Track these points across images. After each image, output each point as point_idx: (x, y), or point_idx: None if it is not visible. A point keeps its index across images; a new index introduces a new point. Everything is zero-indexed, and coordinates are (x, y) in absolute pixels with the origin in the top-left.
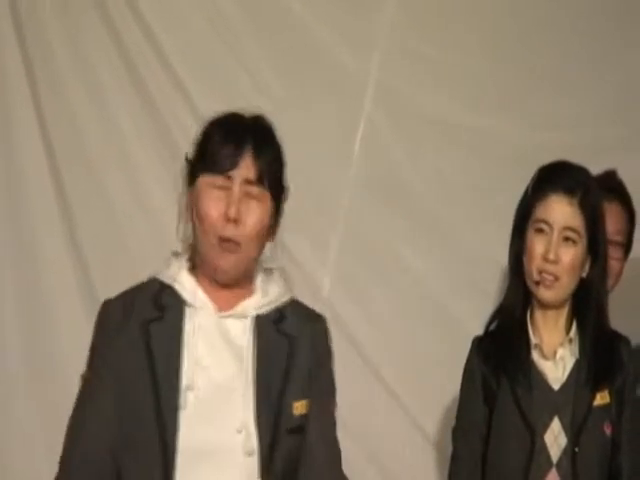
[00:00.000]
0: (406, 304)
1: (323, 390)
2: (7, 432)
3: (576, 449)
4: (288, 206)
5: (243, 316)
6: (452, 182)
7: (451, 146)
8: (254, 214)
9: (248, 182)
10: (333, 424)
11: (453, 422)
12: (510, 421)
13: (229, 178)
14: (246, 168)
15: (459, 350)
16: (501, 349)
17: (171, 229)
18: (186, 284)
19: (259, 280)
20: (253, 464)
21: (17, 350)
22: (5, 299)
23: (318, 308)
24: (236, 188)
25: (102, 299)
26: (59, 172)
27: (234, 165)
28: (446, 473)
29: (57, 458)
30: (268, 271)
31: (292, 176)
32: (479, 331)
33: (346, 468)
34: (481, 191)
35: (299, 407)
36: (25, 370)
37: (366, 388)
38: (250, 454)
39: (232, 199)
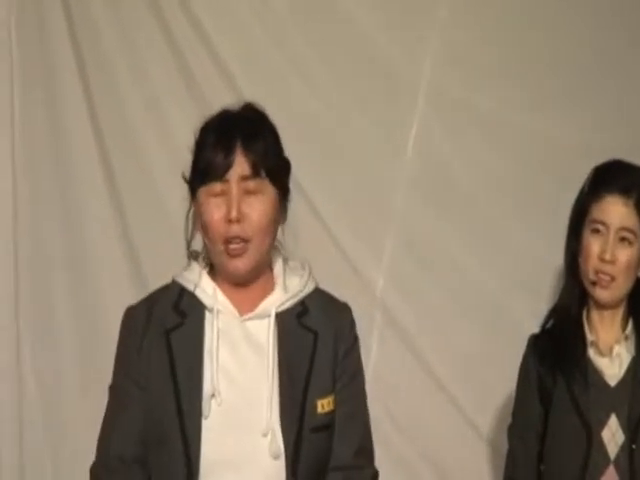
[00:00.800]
0: (459, 303)
1: (351, 375)
2: (59, 420)
3: (633, 446)
4: (342, 206)
5: (265, 315)
6: (504, 183)
7: (502, 147)
8: (257, 209)
9: (244, 178)
10: (363, 403)
11: (507, 420)
12: (567, 419)
13: (226, 181)
14: (239, 165)
15: (512, 349)
16: (557, 348)
17: None
18: (207, 289)
19: (279, 270)
20: (280, 467)
21: (69, 334)
22: (56, 284)
23: (371, 308)
24: (233, 189)
25: (151, 284)
26: (107, 154)
27: (227, 167)
28: (499, 471)
29: None
30: (287, 259)
31: (345, 176)
32: (532, 330)
33: (399, 465)
34: (534, 191)
35: (324, 405)
36: (76, 353)
37: (419, 387)
38: (276, 457)
39: (231, 201)
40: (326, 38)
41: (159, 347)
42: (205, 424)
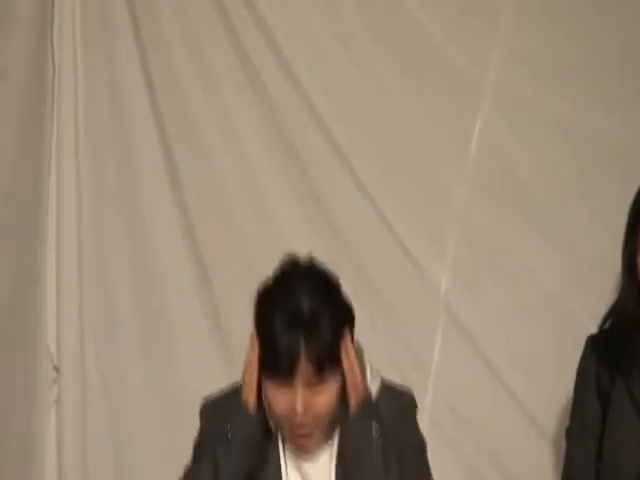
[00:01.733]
0: (523, 303)
1: (412, 449)
2: (122, 418)
3: None
4: (405, 205)
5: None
6: (568, 182)
7: (569, 146)
8: (321, 402)
9: (309, 382)
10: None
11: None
12: (626, 419)
13: (290, 384)
14: (303, 369)
15: (576, 349)
16: (615, 348)
17: (284, 227)
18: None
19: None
20: None
21: (132, 332)
22: (119, 283)
23: (435, 306)
24: (299, 391)
25: (216, 286)
26: (172, 154)
27: (291, 373)
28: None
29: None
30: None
31: (409, 176)
32: (595, 330)
33: (462, 463)
34: (598, 192)
35: None
36: (140, 351)
37: (482, 386)
38: None
39: (296, 400)
40: (391, 37)
41: None
42: None
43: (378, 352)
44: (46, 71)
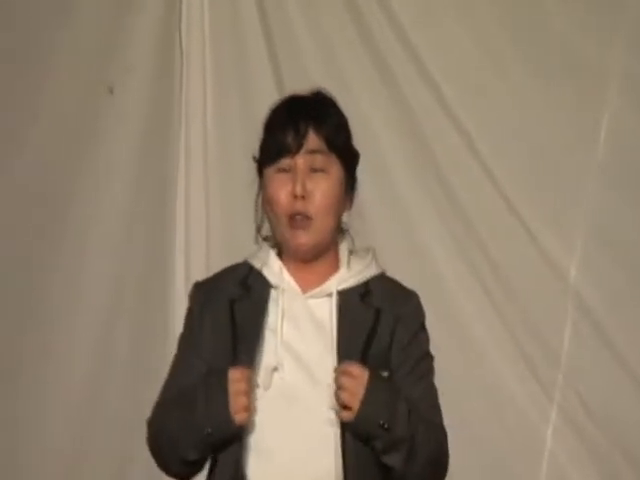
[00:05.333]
0: None
1: (416, 360)
2: None
3: None
4: (534, 196)
5: (327, 293)
6: None
7: None
8: (322, 187)
9: (312, 152)
10: (430, 385)
11: None
12: None
13: (294, 155)
14: (309, 140)
15: None
16: None
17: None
18: (274, 267)
19: (343, 252)
20: (335, 438)
21: None
22: None
23: (564, 297)
24: (300, 164)
25: None
26: None
27: (297, 142)
28: None
29: None
30: (353, 249)
31: (538, 166)
32: None
33: (592, 453)
34: None
35: None
36: None
37: (613, 377)
38: (333, 425)
39: (296, 177)
40: (517, 26)
41: (222, 316)
42: (265, 395)
43: (507, 343)
44: (174, 65)
